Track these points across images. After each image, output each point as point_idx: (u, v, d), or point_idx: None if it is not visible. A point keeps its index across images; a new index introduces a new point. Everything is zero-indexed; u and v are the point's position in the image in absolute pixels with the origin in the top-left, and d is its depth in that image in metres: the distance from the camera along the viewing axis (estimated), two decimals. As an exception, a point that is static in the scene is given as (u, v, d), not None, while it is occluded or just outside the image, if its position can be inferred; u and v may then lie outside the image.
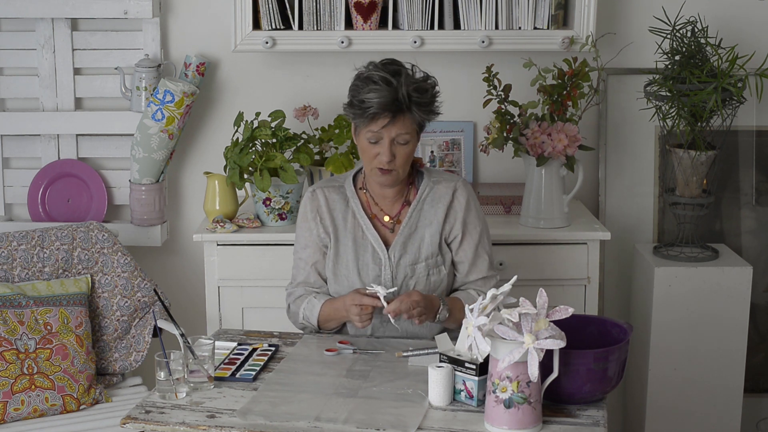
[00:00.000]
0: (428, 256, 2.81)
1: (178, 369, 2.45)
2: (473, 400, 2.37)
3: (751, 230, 3.79)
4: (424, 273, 2.81)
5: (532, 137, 3.35)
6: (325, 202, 2.85)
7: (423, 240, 2.82)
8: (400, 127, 2.69)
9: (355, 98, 2.73)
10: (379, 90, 2.66)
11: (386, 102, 2.66)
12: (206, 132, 3.78)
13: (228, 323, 3.42)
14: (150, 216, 3.67)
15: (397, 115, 2.68)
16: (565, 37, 3.53)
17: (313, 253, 2.87)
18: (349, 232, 2.83)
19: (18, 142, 3.75)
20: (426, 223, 2.83)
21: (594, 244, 3.40)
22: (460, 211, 2.84)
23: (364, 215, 2.83)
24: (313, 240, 2.87)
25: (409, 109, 2.68)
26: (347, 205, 2.85)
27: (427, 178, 2.86)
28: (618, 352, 2.35)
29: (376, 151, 2.72)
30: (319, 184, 2.91)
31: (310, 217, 2.86)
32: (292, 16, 3.51)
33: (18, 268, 3.30)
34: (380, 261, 2.80)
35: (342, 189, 2.87)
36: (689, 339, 3.52)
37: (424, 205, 2.84)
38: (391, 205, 2.86)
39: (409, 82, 2.68)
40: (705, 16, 3.58)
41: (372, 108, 2.66)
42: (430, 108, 2.73)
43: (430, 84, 2.74)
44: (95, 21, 3.68)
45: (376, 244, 2.81)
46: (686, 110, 3.39)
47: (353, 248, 2.82)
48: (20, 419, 3.08)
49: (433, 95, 2.75)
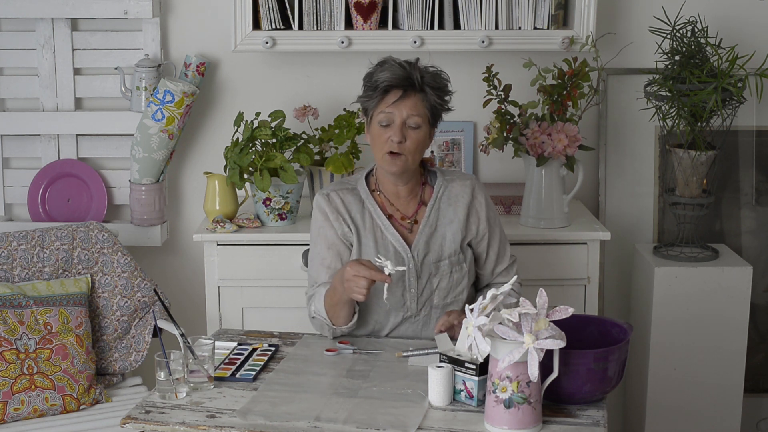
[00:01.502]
0: (451, 254, 2.81)
1: (178, 369, 2.45)
2: (473, 400, 2.37)
3: (751, 230, 3.79)
4: (447, 270, 2.81)
5: (532, 137, 3.35)
6: (341, 204, 2.82)
7: (445, 238, 2.81)
8: (411, 107, 2.71)
9: (367, 82, 2.76)
10: (393, 69, 2.72)
11: (398, 77, 2.70)
12: (206, 132, 3.78)
13: (228, 323, 3.42)
14: (150, 216, 3.67)
15: (408, 92, 2.71)
16: (565, 37, 3.53)
17: (335, 256, 2.82)
18: (369, 233, 2.80)
19: (18, 142, 3.75)
20: (446, 221, 2.82)
21: (594, 244, 3.40)
22: (482, 210, 2.85)
23: (382, 215, 2.81)
24: (335, 241, 2.81)
25: (422, 89, 2.71)
26: (363, 206, 2.83)
27: (441, 177, 2.86)
28: (618, 352, 2.35)
29: (387, 134, 2.72)
30: (330, 187, 2.87)
31: (331, 218, 2.81)
32: (292, 16, 3.51)
33: (18, 268, 3.30)
34: (403, 260, 2.79)
35: (355, 191, 2.85)
36: (689, 339, 3.52)
37: (441, 203, 2.83)
38: (406, 205, 2.85)
39: (424, 69, 2.74)
40: (705, 16, 3.58)
41: (384, 83, 2.70)
42: (443, 94, 2.76)
43: (444, 78, 2.79)
44: (95, 21, 3.68)
45: (397, 244, 2.79)
46: (686, 110, 3.39)
47: (375, 249, 2.79)
48: (20, 419, 3.09)
49: (447, 88, 2.79)
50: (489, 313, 2.27)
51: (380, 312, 2.81)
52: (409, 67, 2.72)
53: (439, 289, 2.81)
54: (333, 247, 2.82)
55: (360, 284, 2.58)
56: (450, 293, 2.81)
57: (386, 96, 2.71)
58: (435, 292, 2.81)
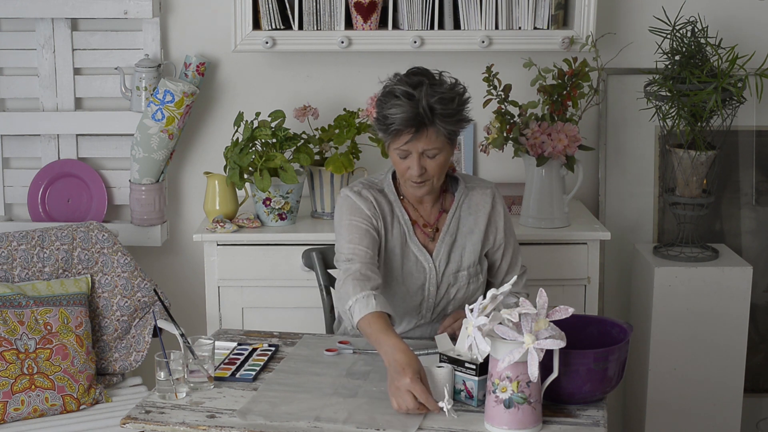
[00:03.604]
0: (470, 264, 2.81)
1: (178, 369, 2.45)
2: (473, 400, 2.37)
3: (751, 230, 3.79)
4: (465, 281, 2.81)
5: (532, 137, 3.35)
6: (376, 203, 2.76)
7: (465, 249, 2.80)
8: (426, 142, 2.61)
9: (379, 114, 2.66)
10: (401, 105, 2.58)
11: (407, 117, 2.57)
12: (206, 132, 3.78)
13: (228, 323, 3.42)
14: (150, 216, 3.67)
15: (420, 130, 2.59)
16: (565, 37, 3.53)
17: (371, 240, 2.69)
18: (396, 239, 2.77)
19: (18, 142, 3.75)
20: (466, 231, 2.81)
21: (594, 244, 3.40)
22: (500, 221, 2.84)
23: (409, 222, 2.78)
24: (368, 217, 2.72)
25: (432, 122, 2.59)
26: (392, 210, 2.79)
27: (462, 184, 2.83)
28: (618, 352, 2.35)
29: (407, 164, 2.67)
30: (358, 185, 2.79)
31: (365, 209, 2.73)
32: (292, 16, 3.51)
33: (18, 268, 3.30)
34: (424, 270, 2.78)
35: (383, 193, 2.80)
36: (689, 339, 3.52)
37: (462, 212, 2.81)
38: (428, 212, 2.82)
39: (431, 94, 2.58)
40: (705, 16, 3.58)
41: (394, 125, 2.59)
42: (456, 118, 2.63)
43: (457, 92, 2.64)
44: (95, 21, 3.68)
45: (419, 253, 2.78)
46: (686, 110, 3.39)
47: (400, 254, 2.78)
48: (20, 419, 3.09)
49: (461, 103, 2.64)
50: (489, 313, 2.27)
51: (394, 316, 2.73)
52: (417, 99, 2.57)
53: (456, 300, 2.82)
54: (363, 218, 2.72)
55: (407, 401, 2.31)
56: (464, 304, 2.79)
57: (399, 137, 2.61)
58: (451, 302, 2.82)
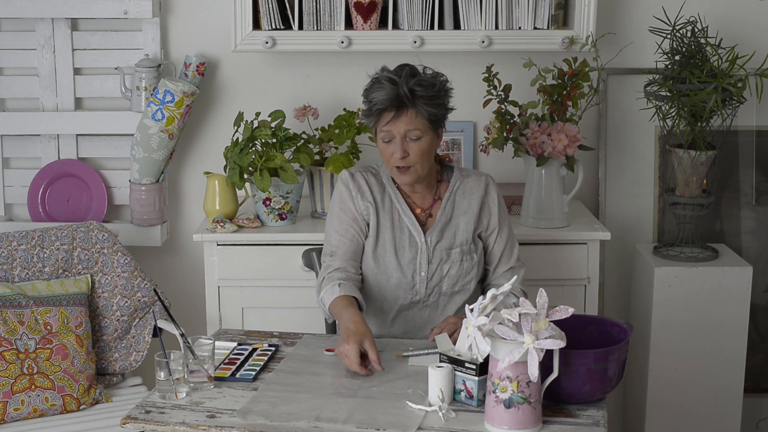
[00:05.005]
0: (462, 242, 2.89)
1: (178, 369, 2.45)
2: (473, 400, 2.37)
3: (751, 230, 3.79)
4: (458, 258, 2.88)
5: (532, 137, 3.35)
6: (365, 184, 2.91)
7: (458, 227, 2.90)
8: (407, 122, 2.77)
9: (365, 101, 2.83)
10: (383, 88, 2.77)
11: (388, 98, 2.76)
12: (206, 132, 3.78)
13: (228, 323, 3.42)
14: (150, 216, 3.67)
15: (401, 110, 2.76)
16: (565, 37, 3.53)
17: (350, 224, 2.89)
18: (387, 214, 2.89)
19: (18, 142, 3.75)
20: (460, 212, 2.91)
21: (594, 244, 3.40)
22: (494, 206, 2.93)
23: (402, 199, 2.91)
24: (355, 215, 2.89)
25: (413, 103, 2.76)
26: (384, 189, 2.92)
27: (457, 173, 2.95)
28: (618, 352, 2.35)
29: (391, 150, 2.80)
30: (355, 168, 2.97)
31: (354, 193, 2.90)
32: (292, 16, 3.51)
33: (18, 268, 3.30)
34: (416, 244, 2.87)
35: (378, 175, 2.95)
36: (689, 339, 3.52)
37: (456, 196, 2.92)
38: (422, 198, 2.93)
39: (411, 77, 2.77)
40: (705, 16, 3.58)
41: (376, 105, 2.77)
42: (436, 102, 2.78)
43: (438, 80, 2.81)
44: (95, 21, 3.68)
45: (412, 228, 2.88)
46: (686, 110, 3.39)
47: (391, 229, 2.88)
48: (20, 419, 3.09)
49: (441, 89, 2.81)
50: (489, 313, 2.27)
51: (389, 290, 2.88)
52: (398, 83, 2.75)
53: (449, 276, 2.87)
54: (350, 216, 2.89)
55: (346, 362, 2.57)
56: (459, 281, 2.88)
57: (381, 117, 2.79)
58: (444, 278, 2.87)
